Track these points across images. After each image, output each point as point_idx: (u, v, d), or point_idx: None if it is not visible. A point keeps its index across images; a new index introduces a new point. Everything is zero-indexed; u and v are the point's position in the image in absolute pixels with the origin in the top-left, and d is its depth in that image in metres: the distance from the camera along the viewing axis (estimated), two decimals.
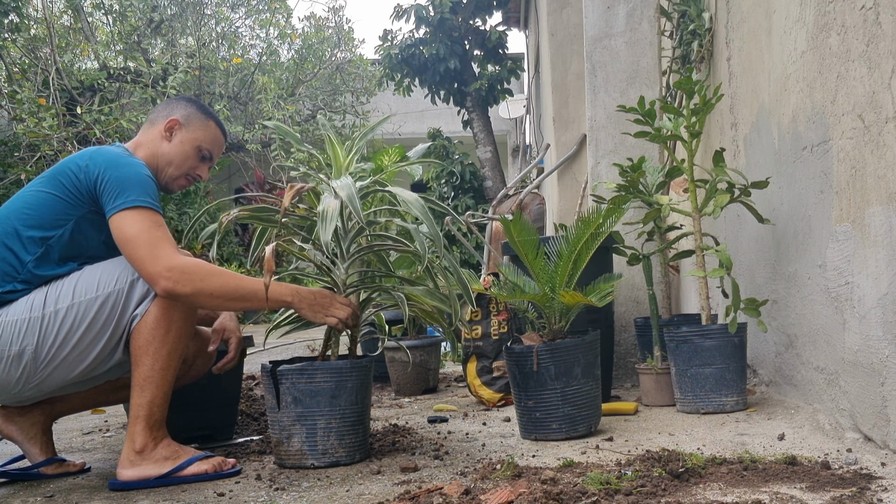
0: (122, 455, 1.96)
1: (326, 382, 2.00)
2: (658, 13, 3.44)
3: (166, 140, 2.15)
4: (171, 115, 2.18)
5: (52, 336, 1.92)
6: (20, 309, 1.93)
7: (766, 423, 2.22)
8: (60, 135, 7.73)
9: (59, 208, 1.98)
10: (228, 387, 2.51)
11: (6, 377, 1.93)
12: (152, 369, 1.95)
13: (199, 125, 2.20)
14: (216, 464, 1.99)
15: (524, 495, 1.54)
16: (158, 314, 1.95)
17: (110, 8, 10.45)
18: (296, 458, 2.01)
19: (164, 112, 2.19)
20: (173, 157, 2.16)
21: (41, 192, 2.01)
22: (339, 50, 11.49)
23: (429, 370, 3.38)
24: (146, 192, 1.95)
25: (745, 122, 2.75)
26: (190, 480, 1.94)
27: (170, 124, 2.16)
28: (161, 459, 1.95)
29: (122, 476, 1.93)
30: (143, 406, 1.95)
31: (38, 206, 1.99)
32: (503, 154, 12.30)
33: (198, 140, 2.18)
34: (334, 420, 2.00)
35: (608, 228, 2.29)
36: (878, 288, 1.79)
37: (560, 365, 2.20)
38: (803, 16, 2.19)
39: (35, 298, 1.94)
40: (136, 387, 1.96)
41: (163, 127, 2.16)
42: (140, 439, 1.94)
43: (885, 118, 1.74)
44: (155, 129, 2.17)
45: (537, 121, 7.48)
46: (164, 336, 1.96)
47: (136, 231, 1.90)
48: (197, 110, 2.21)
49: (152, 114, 2.22)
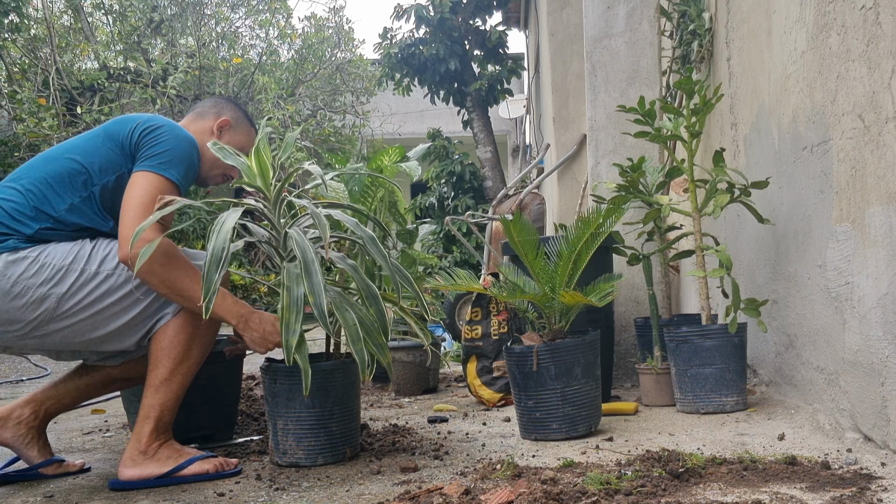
0: (125, 454, 1.96)
1: (282, 385, 2.04)
2: (658, 13, 3.44)
3: (216, 137, 2.22)
4: (222, 114, 2.26)
5: (83, 294, 1.94)
6: (62, 253, 1.94)
7: (766, 423, 2.22)
8: (60, 135, 7.73)
9: (113, 157, 2.02)
10: (228, 387, 2.51)
11: (20, 314, 1.92)
12: (171, 374, 1.98)
13: (244, 130, 2.30)
14: (218, 464, 1.99)
15: (524, 495, 1.54)
16: (185, 322, 1.99)
17: (110, 8, 10.44)
18: (272, 454, 2.09)
19: (215, 110, 2.27)
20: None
21: (96, 138, 2.05)
22: (339, 50, 11.48)
23: (429, 370, 3.38)
24: (179, 167, 2.00)
25: (745, 122, 2.75)
26: (190, 480, 1.95)
27: (221, 124, 2.24)
28: (163, 459, 1.96)
29: (124, 475, 1.94)
30: (155, 407, 1.97)
31: (93, 150, 2.03)
32: (503, 154, 12.30)
33: (241, 144, 2.26)
34: (290, 422, 2.04)
35: (608, 228, 2.29)
36: (878, 288, 1.79)
37: (560, 365, 2.20)
38: (803, 16, 2.19)
39: (81, 250, 1.96)
40: (150, 387, 1.98)
41: (214, 124, 2.23)
42: (146, 440, 1.96)
43: (885, 118, 1.74)
44: (205, 123, 2.24)
45: (537, 121, 7.48)
46: (188, 342, 1.99)
47: (140, 193, 1.93)
48: (244, 117, 2.32)
49: (199, 107, 2.30)
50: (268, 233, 2.05)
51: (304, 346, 1.82)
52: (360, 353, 1.89)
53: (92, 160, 2.02)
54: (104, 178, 2.02)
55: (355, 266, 2.01)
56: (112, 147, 2.03)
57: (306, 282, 1.80)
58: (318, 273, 1.81)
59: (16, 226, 1.95)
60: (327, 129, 10.68)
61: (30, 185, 1.99)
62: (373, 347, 1.94)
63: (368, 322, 1.95)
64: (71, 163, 2.02)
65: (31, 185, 1.99)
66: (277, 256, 2.03)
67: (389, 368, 2.03)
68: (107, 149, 2.03)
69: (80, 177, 2.01)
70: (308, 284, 1.80)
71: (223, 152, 2.07)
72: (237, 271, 2.45)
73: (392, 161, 2.51)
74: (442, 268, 5.35)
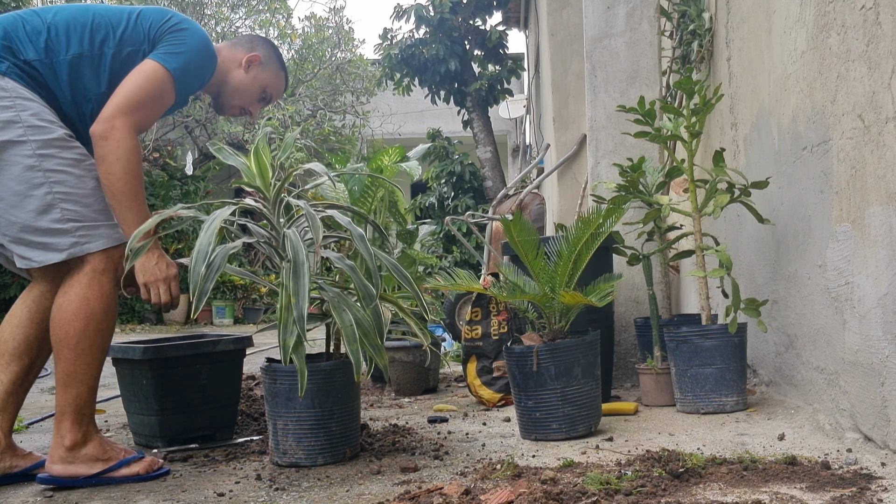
0: (51, 450, 1.95)
1: (282, 385, 2.04)
2: (658, 13, 3.44)
3: (243, 69, 2.27)
4: (254, 49, 2.30)
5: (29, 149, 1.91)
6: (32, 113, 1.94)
7: (766, 423, 2.22)
8: None
9: (137, 35, 2.07)
10: (228, 387, 2.51)
11: None
12: (75, 364, 1.92)
13: (274, 71, 2.33)
14: (147, 465, 1.99)
15: (524, 495, 1.54)
16: (77, 305, 1.92)
17: None
18: (272, 454, 2.09)
19: (249, 45, 2.32)
20: (242, 87, 2.28)
21: (132, 14, 2.10)
22: (339, 50, 11.49)
23: (429, 370, 3.38)
24: (185, 66, 2.06)
25: (745, 122, 2.75)
26: (120, 482, 1.94)
27: (251, 58, 2.27)
28: (92, 459, 1.95)
29: (52, 471, 1.93)
30: (69, 403, 1.93)
31: (118, 20, 2.08)
32: (503, 154, 12.29)
33: (267, 82, 2.31)
34: (290, 422, 2.04)
35: (608, 228, 2.29)
36: (878, 288, 1.79)
37: (560, 365, 2.20)
38: (803, 16, 2.19)
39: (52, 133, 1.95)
40: (59, 383, 1.94)
41: (245, 57, 2.27)
42: (70, 436, 1.93)
43: (885, 118, 1.74)
44: (236, 53, 2.29)
45: (537, 121, 7.48)
46: (82, 330, 1.92)
47: (140, 83, 2.00)
48: (276, 59, 2.35)
49: (236, 39, 2.39)
50: (267, 233, 2.05)
51: (301, 346, 1.82)
52: (355, 354, 1.89)
53: (118, 30, 2.08)
54: (121, 48, 2.07)
55: (353, 266, 2.01)
56: (139, 28, 2.09)
57: (293, 282, 1.81)
58: (306, 275, 1.82)
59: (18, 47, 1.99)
60: (327, 128, 10.68)
61: (53, 21, 2.04)
62: (369, 348, 1.94)
63: (366, 323, 1.95)
64: (99, 18, 2.07)
65: (55, 21, 2.04)
66: (277, 256, 2.03)
67: (386, 370, 2.03)
68: (133, 26, 2.09)
69: (100, 34, 2.05)
70: (294, 285, 1.81)
71: (222, 153, 2.08)
72: (237, 270, 2.46)
73: (392, 161, 2.51)
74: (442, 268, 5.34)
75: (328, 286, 2.03)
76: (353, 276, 1.97)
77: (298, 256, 1.83)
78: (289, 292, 1.82)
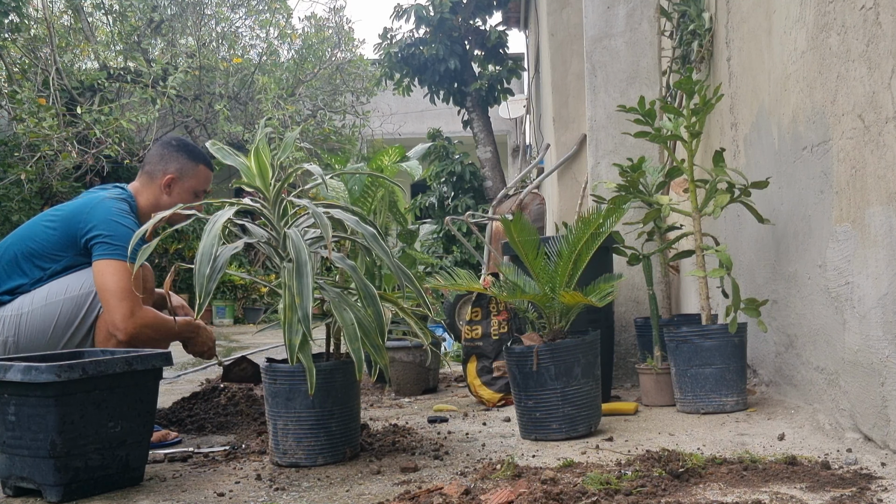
0: None
1: (282, 385, 2.05)
2: (658, 13, 3.44)
3: (166, 194, 2.51)
4: (167, 171, 2.52)
5: (29, 328, 2.31)
6: (11, 308, 2.33)
7: (766, 423, 2.22)
8: (60, 135, 7.73)
9: (60, 246, 2.35)
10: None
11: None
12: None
13: (191, 174, 2.54)
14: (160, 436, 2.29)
15: (524, 495, 1.54)
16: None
17: (110, 8, 10.44)
18: (272, 454, 2.09)
19: (161, 166, 2.52)
20: (174, 205, 2.44)
21: (48, 228, 2.38)
22: (339, 50, 11.47)
23: (429, 370, 3.38)
24: (126, 246, 2.25)
25: (745, 122, 2.75)
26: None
27: (167, 181, 2.51)
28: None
29: None
30: None
31: (44, 241, 2.37)
32: (503, 154, 12.29)
33: (192, 187, 2.55)
34: (290, 422, 2.04)
35: (608, 228, 2.29)
36: (878, 288, 1.79)
37: (560, 365, 2.20)
38: (803, 16, 2.19)
39: (22, 301, 2.34)
40: None
41: (161, 183, 2.51)
42: None
43: (885, 118, 1.74)
44: (154, 183, 2.52)
45: (537, 121, 7.48)
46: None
47: (112, 282, 2.25)
48: (187, 159, 2.53)
49: (148, 164, 2.55)
50: (267, 233, 2.05)
51: (307, 345, 1.82)
52: (356, 353, 1.89)
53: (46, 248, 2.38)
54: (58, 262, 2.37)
55: (354, 266, 2.01)
56: (68, 239, 2.36)
57: (296, 283, 1.81)
58: (309, 275, 1.82)
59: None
60: (327, 129, 10.67)
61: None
62: (370, 348, 1.94)
63: (367, 323, 1.95)
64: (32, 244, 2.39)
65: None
66: (277, 257, 2.03)
67: (386, 370, 2.03)
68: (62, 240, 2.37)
69: (37, 260, 2.37)
70: (297, 286, 1.81)
71: (222, 152, 2.10)
72: (237, 272, 2.50)
73: (392, 161, 2.52)
74: (442, 267, 5.34)
75: (328, 286, 2.03)
76: (354, 275, 1.98)
77: (301, 256, 1.83)
78: (293, 292, 1.82)
